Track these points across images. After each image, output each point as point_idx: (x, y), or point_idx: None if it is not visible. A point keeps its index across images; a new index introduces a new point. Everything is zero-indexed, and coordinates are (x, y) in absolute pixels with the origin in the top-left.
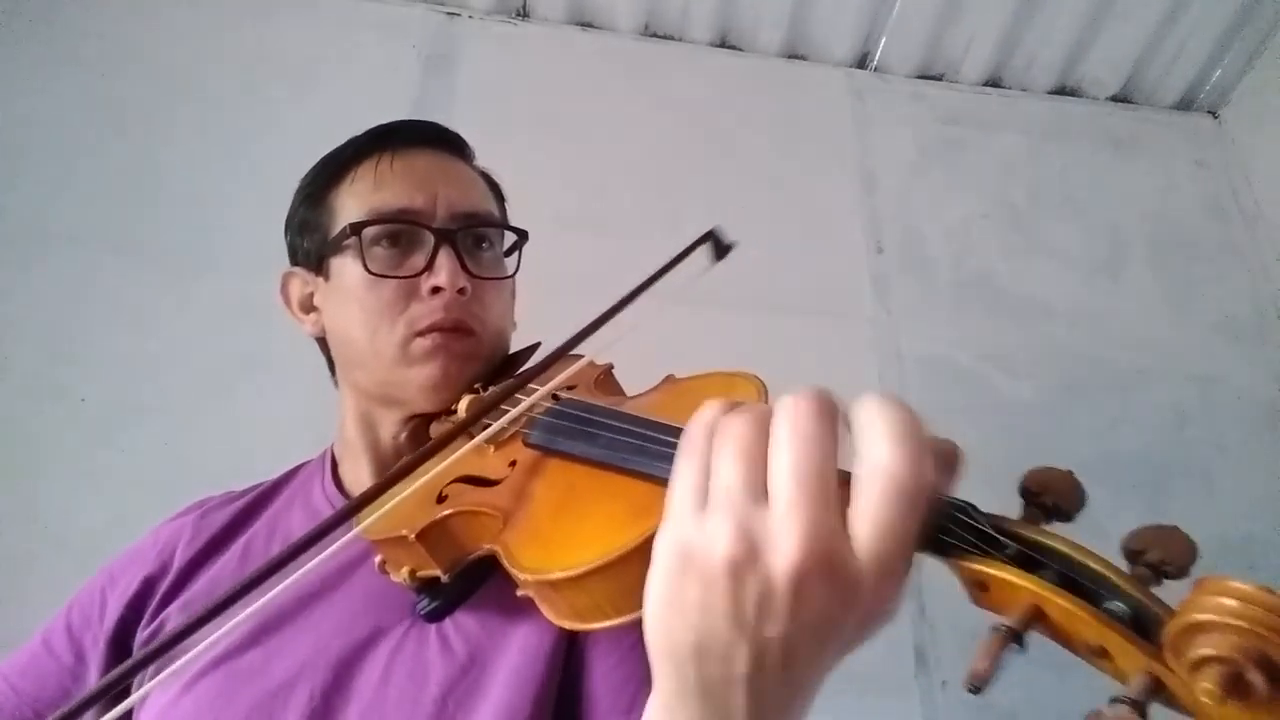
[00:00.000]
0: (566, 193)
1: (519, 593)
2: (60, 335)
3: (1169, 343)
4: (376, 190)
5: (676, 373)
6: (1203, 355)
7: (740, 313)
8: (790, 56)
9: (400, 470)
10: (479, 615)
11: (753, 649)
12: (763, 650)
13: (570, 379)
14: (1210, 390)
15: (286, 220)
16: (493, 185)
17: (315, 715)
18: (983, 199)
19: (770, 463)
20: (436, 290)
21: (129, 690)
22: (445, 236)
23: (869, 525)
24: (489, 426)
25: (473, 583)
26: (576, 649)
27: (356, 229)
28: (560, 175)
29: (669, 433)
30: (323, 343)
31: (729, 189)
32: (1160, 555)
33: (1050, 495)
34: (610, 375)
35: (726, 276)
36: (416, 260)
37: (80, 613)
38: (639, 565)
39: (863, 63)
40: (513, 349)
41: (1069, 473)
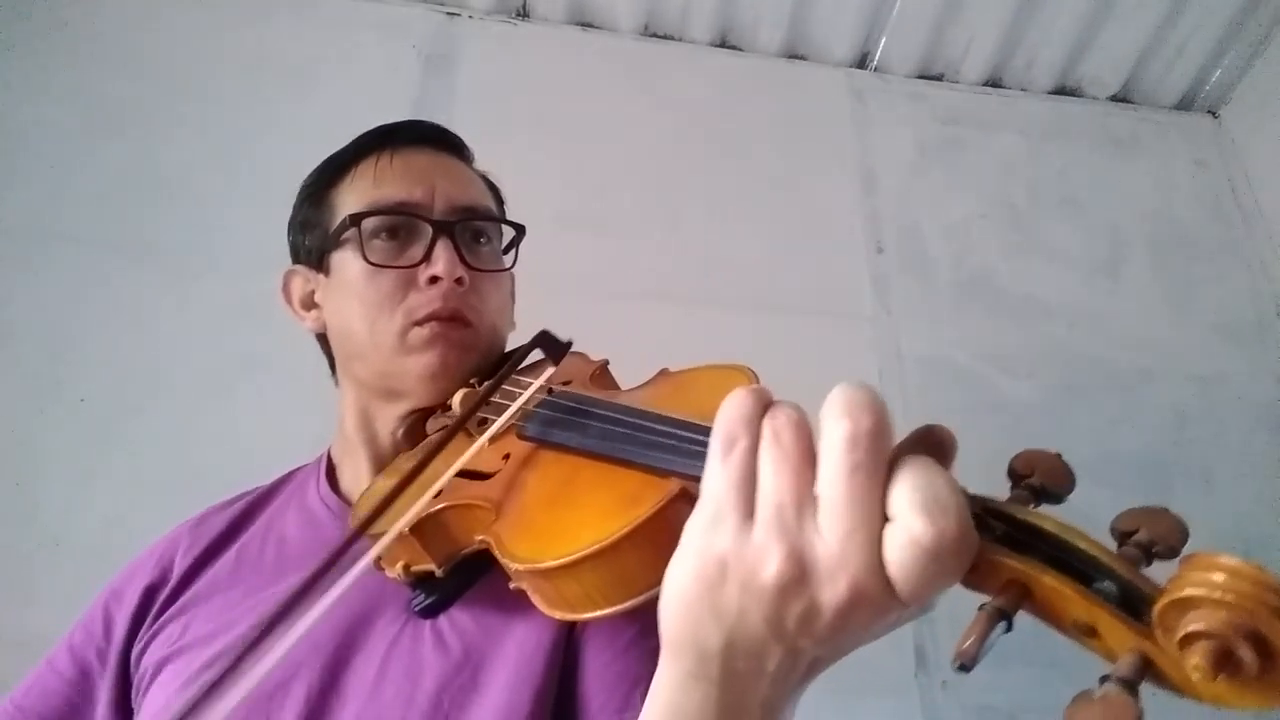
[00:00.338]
0: (566, 193)
1: (511, 585)
2: (60, 335)
3: (1169, 343)
4: (376, 186)
5: (671, 369)
6: (1203, 355)
7: (740, 313)
8: (790, 56)
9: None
10: (475, 612)
11: (786, 654)
12: (795, 656)
13: (565, 374)
14: (1210, 390)
15: (289, 221)
16: (492, 186)
17: (311, 714)
18: (982, 199)
19: (824, 489)
20: (434, 280)
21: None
22: (443, 228)
23: (906, 584)
24: (487, 423)
25: (467, 578)
26: (571, 646)
27: (356, 220)
28: (560, 175)
29: (662, 422)
30: (323, 340)
31: (729, 189)
32: (1150, 535)
33: (1038, 476)
34: (606, 370)
35: (727, 276)
36: (415, 252)
37: (83, 631)
38: (631, 553)
39: (863, 63)
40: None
41: (1057, 454)
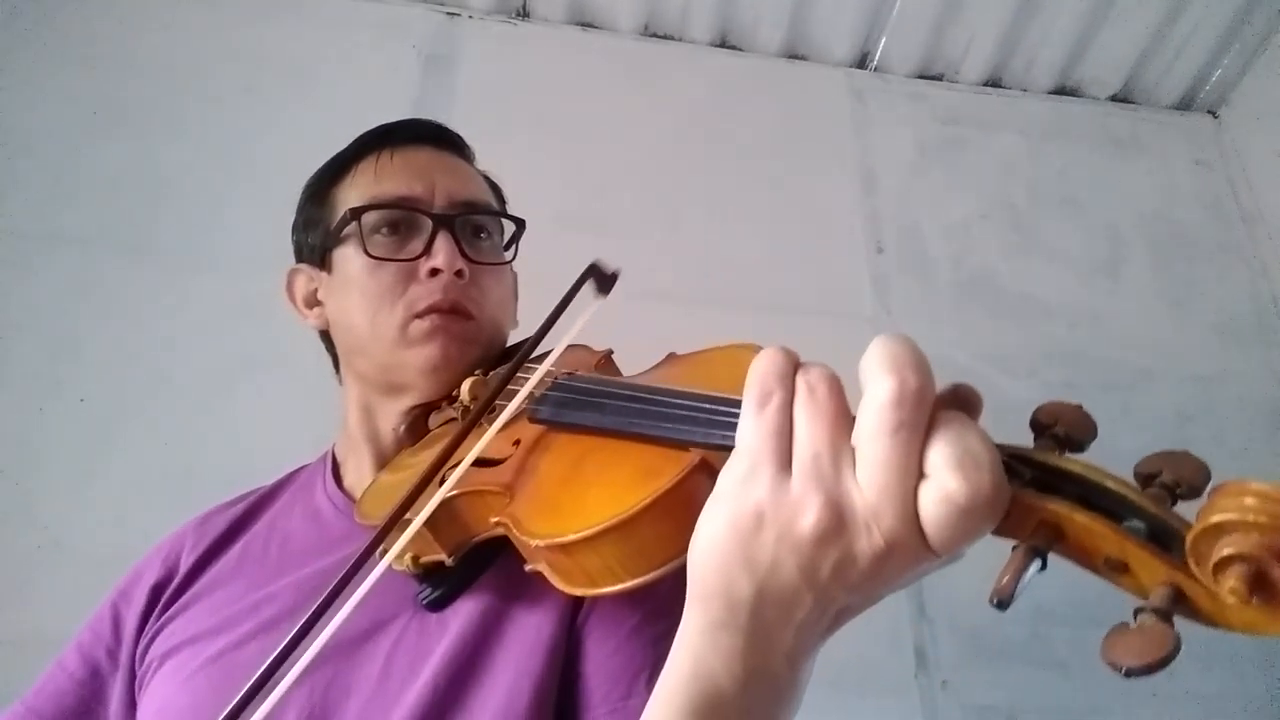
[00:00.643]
0: (566, 193)
1: (528, 567)
2: (61, 335)
3: (1169, 343)
4: (377, 182)
5: (679, 352)
6: (1203, 355)
7: (740, 313)
8: (790, 56)
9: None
10: (480, 605)
11: (816, 603)
12: (826, 605)
13: (569, 365)
14: (1211, 390)
15: (293, 221)
16: (493, 185)
17: (315, 709)
18: (983, 199)
19: (865, 444)
20: (435, 272)
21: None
22: (443, 221)
23: (939, 538)
24: (496, 410)
25: (474, 571)
26: (573, 637)
27: (356, 213)
28: (560, 175)
29: (678, 395)
30: (326, 337)
31: (729, 189)
32: (1174, 477)
33: (1062, 426)
34: (610, 360)
35: (727, 276)
36: (415, 245)
37: (92, 632)
38: (652, 525)
39: (863, 63)
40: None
41: (1078, 406)
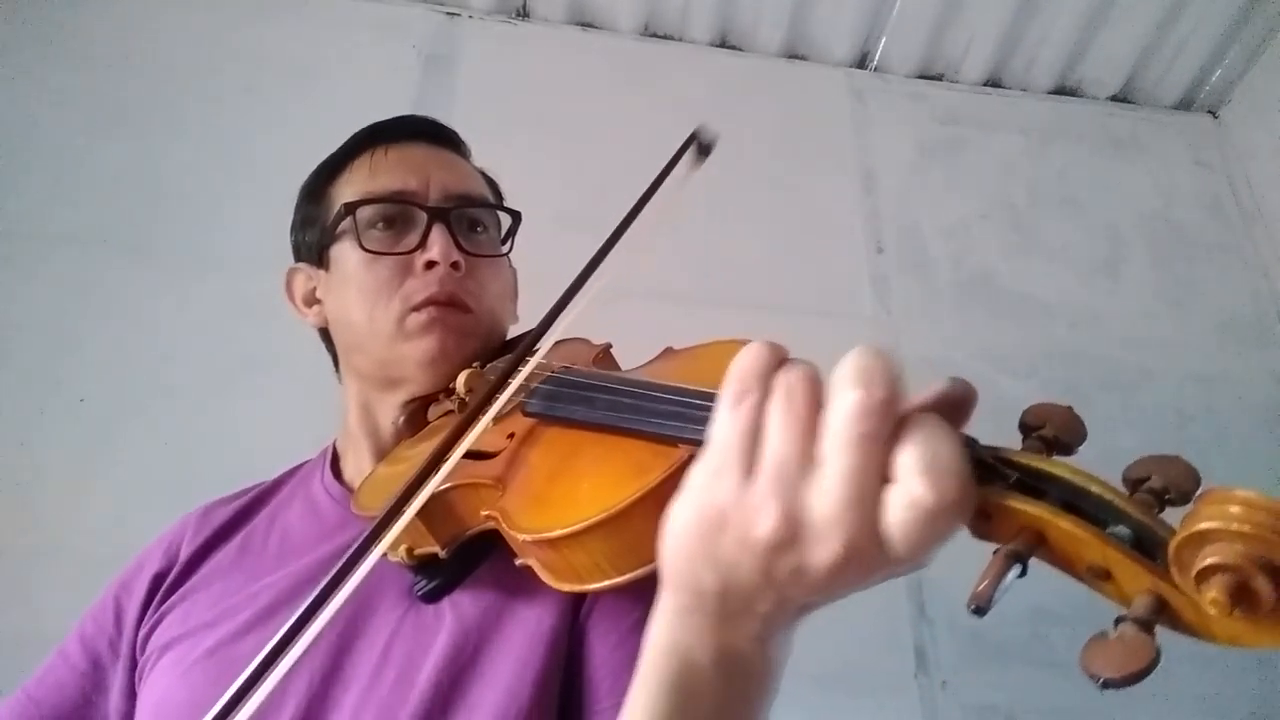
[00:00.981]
0: (566, 193)
1: (518, 561)
2: (61, 335)
3: (1169, 343)
4: (372, 177)
5: (676, 347)
6: (1203, 355)
7: (740, 313)
8: (790, 56)
9: (424, 470)
10: (477, 597)
11: (777, 601)
12: (785, 601)
13: (568, 358)
14: (1211, 390)
15: (291, 221)
16: (489, 180)
17: (313, 700)
18: (983, 199)
19: (829, 455)
20: (431, 265)
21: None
22: (438, 214)
23: (906, 545)
24: (491, 402)
25: (470, 563)
26: (576, 633)
27: (351, 208)
28: (560, 175)
29: (670, 392)
30: (326, 335)
31: (729, 189)
32: (1163, 482)
33: (1050, 428)
34: (608, 354)
35: (727, 276)
36: (411, 239)
37: (93, 622)
38: (640, 521)
39: (863, 63)
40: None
41: (1069, 408)
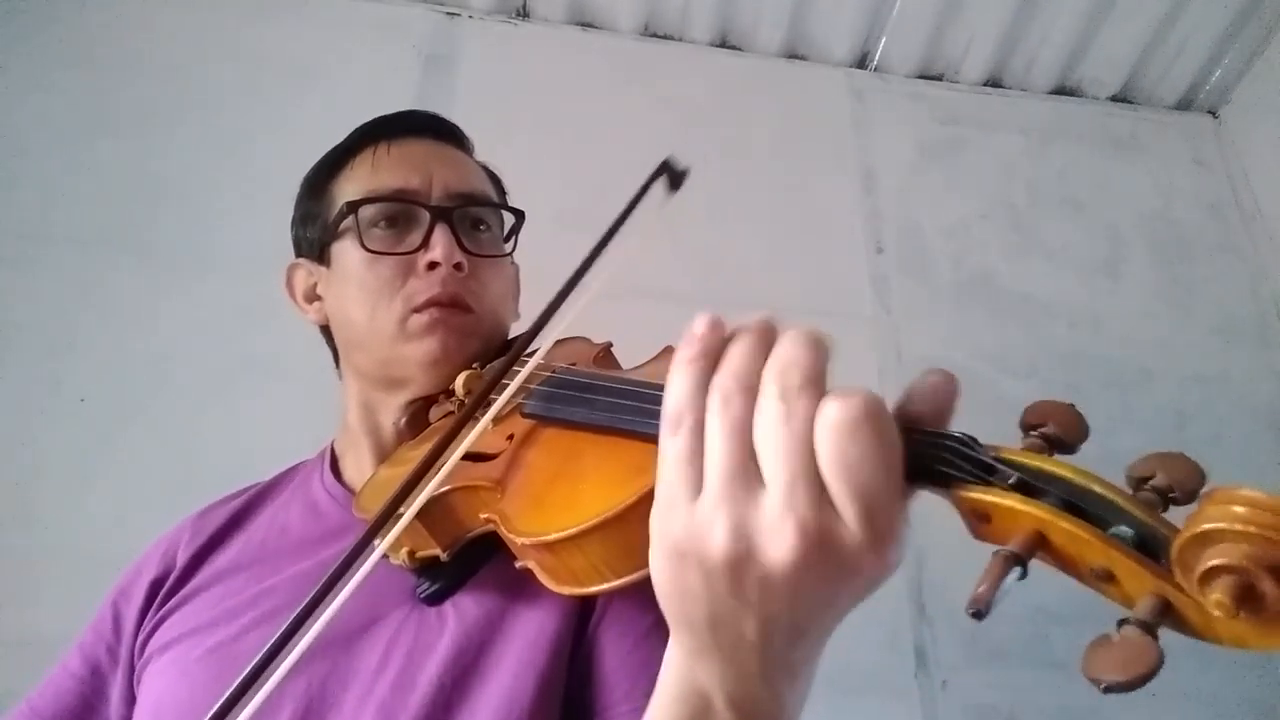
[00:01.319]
0: (566, 193)
1: (518, 564)
2: (61, 335)
3: (1169, 343)
4: (374, 174)
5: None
6: (1203, 355)
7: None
8: (790, 56)
9: (418, 472)
10: (480, 599)
11: (760, 622)
12: (771, 621)
13: (569, 357)
14: (1210, 390)
15: (292, 216)
16: (492, 176)
17: (313, 701)
18: (983, 199)
19: (760, 445)
20: (433, 266)
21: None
22: (441, 214)
23: (843, 490)
24: (491, 405)
25: (472, 565)
26: (588, 638)
27: (353, 207)
28: (560, 175)
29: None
30: (326, 332)
31: (729, 189)
32: (1167, 480)
33: (1052, 426)
34: (609, 353)
35: (727, 276)
36: (413, 239)
37: (93, 630)
38: (637, 524)
39: (863, 63)
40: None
41: (1070, 405)
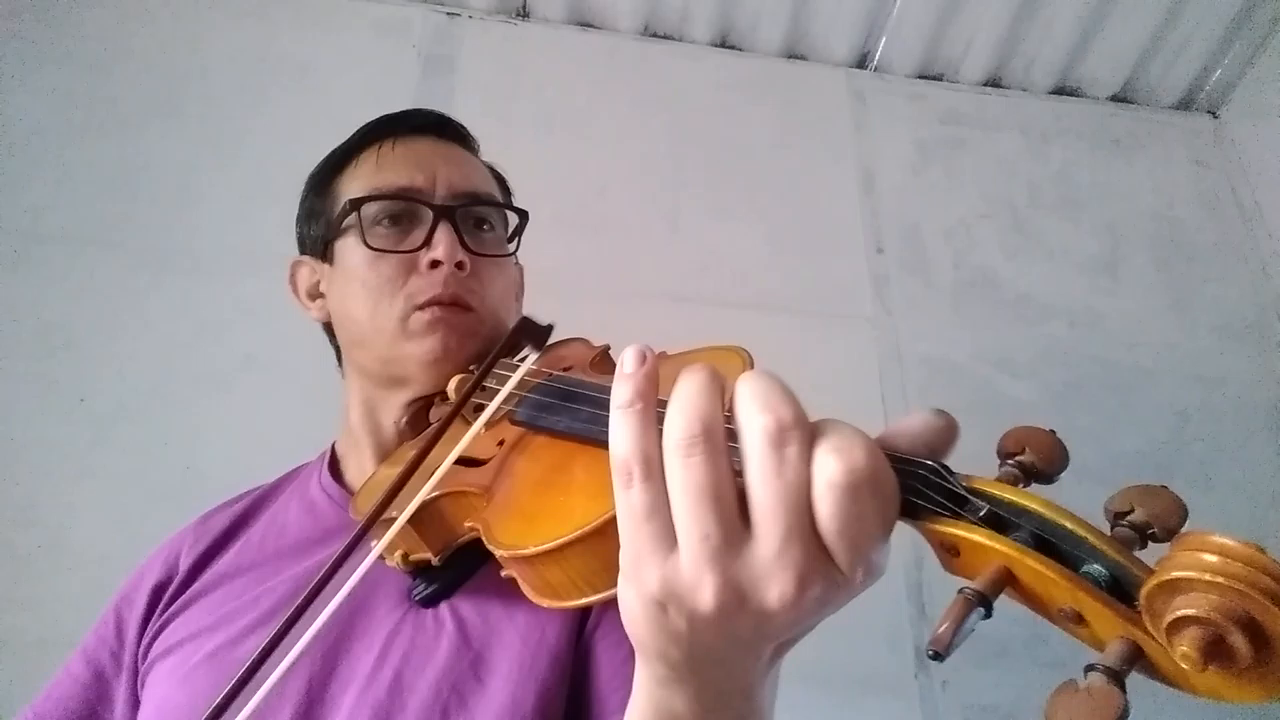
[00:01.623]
0: (566, 193)
1: (503, 573)
2: (60, 335)
3: (1170, 343)
4: (378, 172)
5: (670, 352)
6: (1203, 356)
7: (740, 313)
8: (790, 56)
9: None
10: (477, 602)
11: (746, 654)
12: (756, 653)
13: (567, 360)
14: (1211, 391)
15: (297, 214)
16: (497, 176)
17: (311, 704)
18: (982, 199)
19: (755, 497)
20: (435, 265)
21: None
22: (444, 213)
23: (840, 540)
24: (482, 409)
25: (467, 568)
26: (582, 644)
27: (356, 204)
28: (560, 175)
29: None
30: (329, 329)
31: (729, 189)
32: (1146, 515)
33: (1029, 453)
34: (607, 356)
35: (727, 276)
36: (416, 237)
37: (96, 636)
38: (615, 539)
39: (863, 63)
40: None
41: (1050, 432)
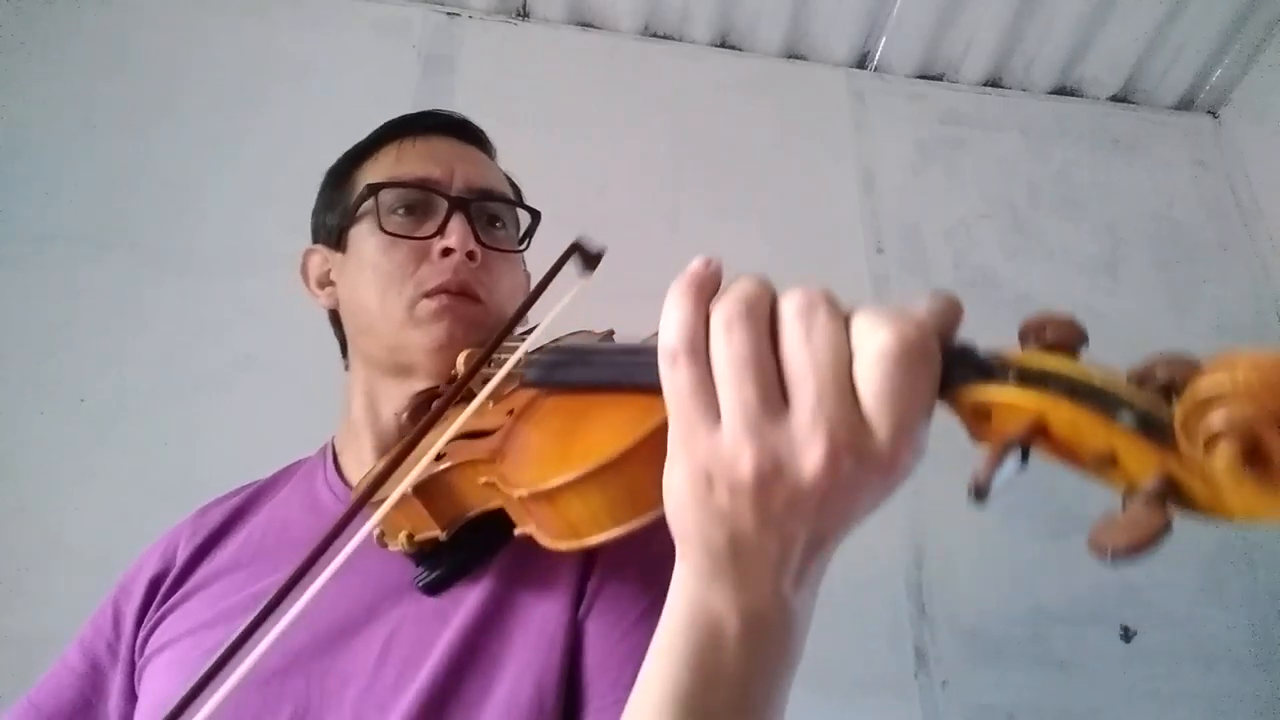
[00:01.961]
0: (566, 193)
1: (518, 532)
2: (59, 335)
3: (1169, 343)
4: (398, 164)
5: None
6: (1203, 355)
7: None
8: (790, 56)
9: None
10: (482, 597)
11: (783, 539)
12: (793, 540)
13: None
14: None
15: (313, 205)
16: (511, 183)
17: (312, 699)
18: (982, 199)
19: (789, 368)
20: (447, 253)
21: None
22: (459, 204)
23: (884, 412)
24: (489, 381)
25: (472, 556)
26: (574, 628)
27: (375, 189)
28: (560, 175)
29: None
30: (335, 319)
31: (729, 189)
32: (1169, 375)
33: (1050, 332)
34: (610, 338)
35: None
36: (430, 226)
37: (93, 627)
38: (636, 468)
39: (863, 63)
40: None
41: (1070, 316)
